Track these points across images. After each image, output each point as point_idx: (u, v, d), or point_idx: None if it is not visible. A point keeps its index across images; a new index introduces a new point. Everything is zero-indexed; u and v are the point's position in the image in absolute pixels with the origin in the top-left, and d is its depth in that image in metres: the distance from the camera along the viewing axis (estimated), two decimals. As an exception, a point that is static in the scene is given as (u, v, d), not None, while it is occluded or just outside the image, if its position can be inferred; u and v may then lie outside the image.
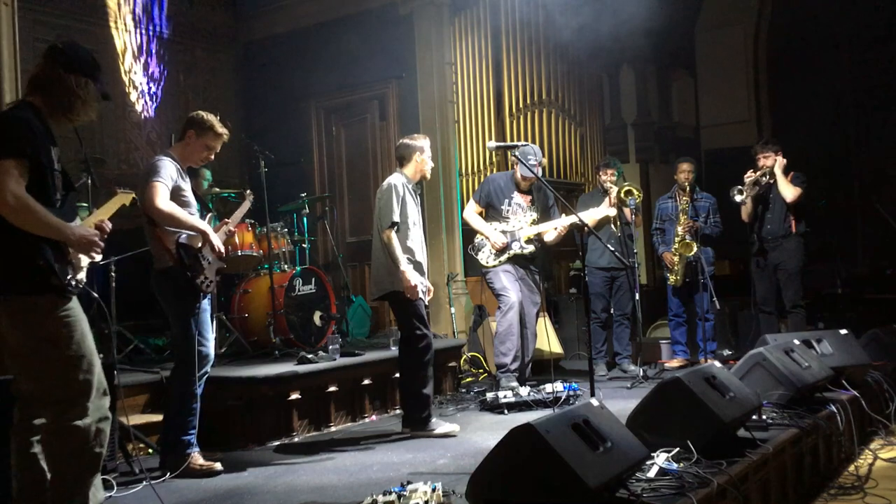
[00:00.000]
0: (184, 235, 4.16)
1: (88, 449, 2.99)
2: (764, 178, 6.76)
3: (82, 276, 3.11)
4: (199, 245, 4.20)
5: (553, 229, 5.99)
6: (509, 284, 5.91)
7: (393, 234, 4.91)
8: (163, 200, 4.01)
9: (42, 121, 3.04)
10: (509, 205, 6.01)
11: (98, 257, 3.14)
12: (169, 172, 4.11)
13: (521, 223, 5.99)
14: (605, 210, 6.50)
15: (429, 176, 5.19)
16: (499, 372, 5.92)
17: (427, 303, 5.05)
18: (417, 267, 4.97)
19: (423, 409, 4.94)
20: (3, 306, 2.97)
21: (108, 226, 3.22)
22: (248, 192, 5.86)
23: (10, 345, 3.00)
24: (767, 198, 6.81)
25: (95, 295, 3.66)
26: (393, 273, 4.91)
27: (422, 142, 5.11)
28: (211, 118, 4.29)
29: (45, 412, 3.01)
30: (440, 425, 4.90)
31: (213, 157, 4.40)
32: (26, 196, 2.87)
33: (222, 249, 4.27)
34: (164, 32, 8.43)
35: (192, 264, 4.15)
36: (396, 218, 4.93)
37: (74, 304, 3.03)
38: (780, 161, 6.74)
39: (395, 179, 5.02)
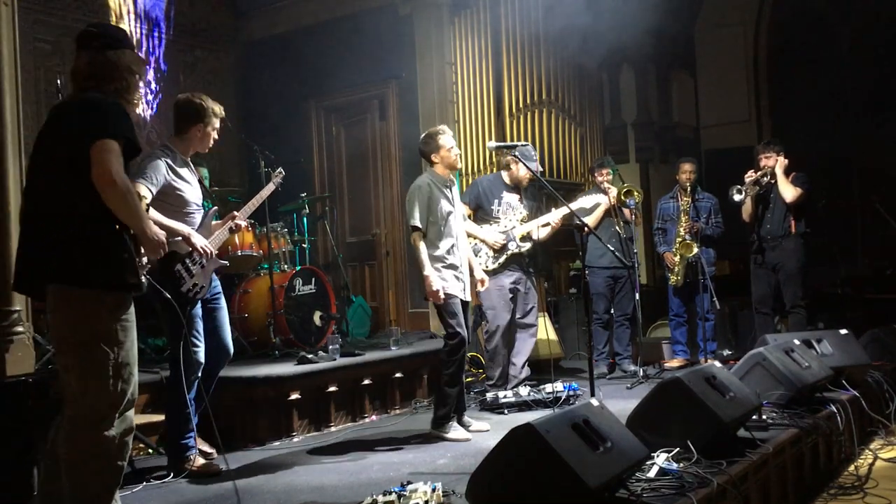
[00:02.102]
0: (174, 240, 4.01)
1: (111, 461, 2.85)
2: (765, 179, 6.76)
3: (145, 273, 3.02)
4: (189, 250, 4.05)
5: (546, 224, 5.94)
6: (498, 304, 5.85)
7: (418, 239, 4.87)
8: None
9: None
10: (499, 204, 5.98)
11: (160, 256, 3.04)
12: (156, 173, 3.93)
13: (513, 222, 5.95)
14: (596, 198, 6.40)
15: (459, 164, 5.06)
16: (487, 384, 5.97)
17: (469, 297, 5.04)
18: (450, 267, 4.91)
19: (442, 407, 4.87)
20: (63, 297, 2.82)
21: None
22: (280, 170, 5.18)
23: (60, 339, 2.87)
24: (768, 198, 6.81)
25: (168, 296, 3.55)
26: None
27: (440, 137, 4.97)
28: (209, 103, 4.15)
29: (70, 416, 2.85)
30: (455, 429, 4.82)
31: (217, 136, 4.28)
32: (128, 180, 2.79)
33: (208, 250, 4.08)
34: (164, 32, 8.43)
35: (171, 272, 4.00)
36: (416, 222, 4.88)
37: (133, 308, 2.92)
38: (782, 161, 6.74)
39: (421, 180, 5.01)
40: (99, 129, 2.78)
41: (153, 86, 8.32)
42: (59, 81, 3.52)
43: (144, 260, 3.01)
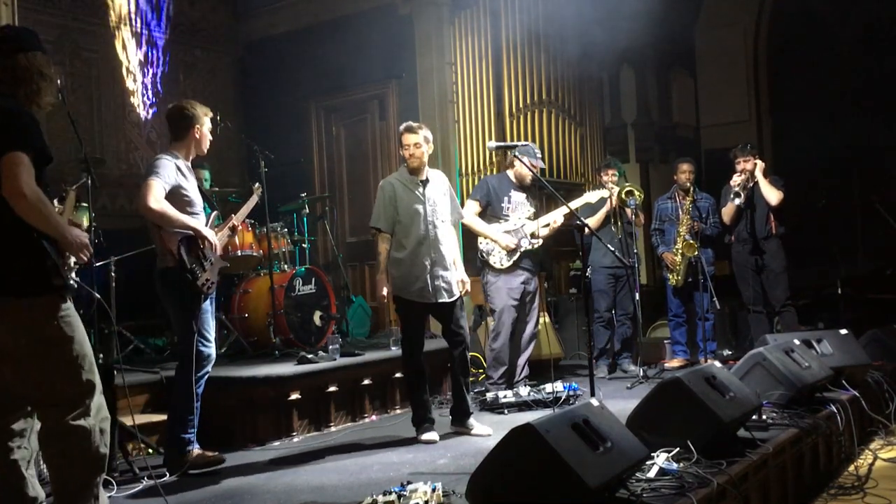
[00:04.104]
0: (189, 234, 4.15)
1: (94, 449, 2.91)
2: (749, 182, 6.80)
3: (73, 274, 3.06)
4: (201, 245, 4.19)
5: (553, 221, 5.95)
6: (507, 304, 5.84)
7: (380, 239, 4.90)
8: (154, 199, 3.96)
9: None
10: (509, 202, 5.97)
11: (85, 259, 3.06)
12: (168, 172, 4.09)
13: (522, 219, 5.95)
14: (600, 192, 6.40)
15: (415, 163, 4.88)
16: (488, 383, 5.94)
17: (453, 298, 4.95)
18: (414, 267, 4.84)
19: (413, 413, 4.96)
20: (1, 310, 2.85)
21: (84, 225, 3.17)
22: (257, 185, 5.52)
23: (6, 348, 2.88)
24: (751, 200, 6.84)
25: (97, 295, 3.62)
26: (394, 276, 4.88)
27: (402, 135, 4.91)
28: (198, 107, 4.29)
29: (45, 415, 2.92)
30: (425, 433, 4.82)
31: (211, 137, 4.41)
32: (40, 190, 2.80)
33: (217, 245, 4.25)
34: (163, 32, 8.43)
35: (193, 266, 4.13)
36: (373, 222, 4.95)
37: (70, 304, 2.97)
38: (760, 164, 6.81)
39: (385, 179, 5.02)
40: (9, 141, 2.79)
41: (156, 75, 8.31)
42: (58, 81, 3.52)
43: (72, 261, 3.03)
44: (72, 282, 3.00)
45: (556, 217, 5.98)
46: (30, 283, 2.85)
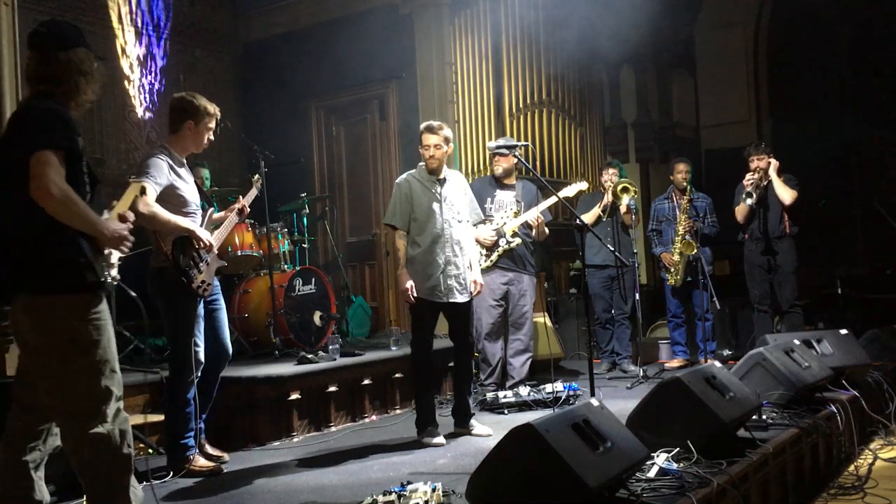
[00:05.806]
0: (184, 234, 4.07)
1: (117, 452, 2.86)
2: (762, 181, 6.80)
3: (115, 272, 2.99)
4: (196, 246, 4.08)
5: (536, 218, 5.83)
6: (483, 305, 5.80)
7: (396, 236, 4.86)
8: (143, 203, 3.84)
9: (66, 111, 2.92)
10: (491, 202, 5.96)
11: (127, 251, 3.00)
12: (160, 172, 3.97)
13: (504, 218, 5.95)
14: (577, 186, 6.29)
15: (433, 164, 4.83)
16: (477, 384, 5.90)
17: (465, 299, 4.88)
18: (427, 266, 4.79)
19: (418, 414, 4.86)
20: (28, 306, 2.82)
21: (131, 216, 3.10)
22: (257, 177, 5.20)
23: (32, 348, 2.86)
24: (765, 199, 6.84)
25: (133, 294, 3.56)
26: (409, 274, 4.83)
27: (422, 134, 4.87)
28: (202, 101, 4.16)
29: (63, 424, 2.88)
30: (431, 437, 4.74)
31: (212, 137, 4.28)
32: (69, 188, 2.78)
33: (211, 243, 4.13)
34: (164, 32, 8.43)
35: (187, 268, 4.03)
36: (386, 219, 4.93)
37: (104, 306, 2.92)
38: (774, 163, 6.78)
39: (402, 176, 4.95)
40: (38, 140, 2.78)
41: (156, 75, 8.31)
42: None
43: (114, 257, 2.98)
44: (111, 279, 2.94)
45: (532, 214, 5.84)
46: (63, 280, 2.82)
